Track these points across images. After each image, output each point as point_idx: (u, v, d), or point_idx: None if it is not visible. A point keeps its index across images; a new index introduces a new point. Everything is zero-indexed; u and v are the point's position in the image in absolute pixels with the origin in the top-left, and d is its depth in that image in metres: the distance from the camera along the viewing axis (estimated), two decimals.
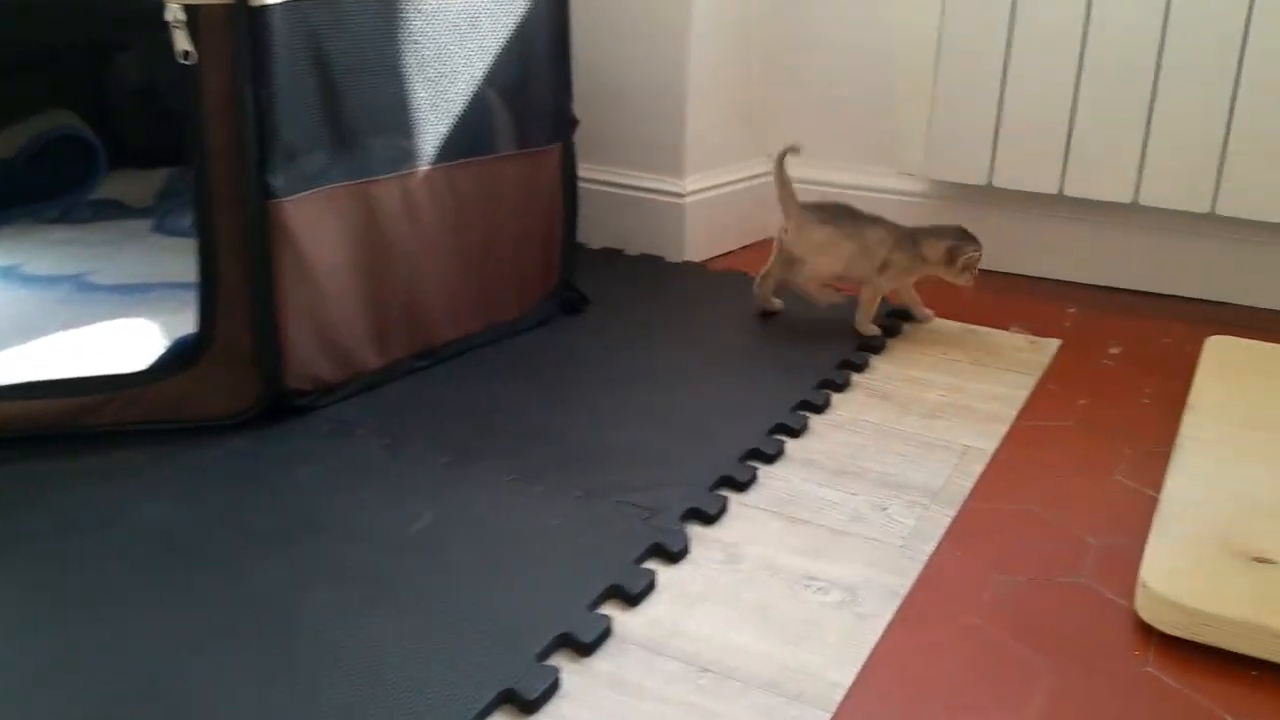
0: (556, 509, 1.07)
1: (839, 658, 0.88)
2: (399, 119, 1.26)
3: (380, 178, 1.25)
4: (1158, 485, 1.14)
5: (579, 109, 1.52)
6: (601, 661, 0.87)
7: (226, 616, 0.89)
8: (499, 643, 0.86)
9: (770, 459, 1.20)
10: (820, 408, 1.32)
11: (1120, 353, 1.52)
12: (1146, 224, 1.72)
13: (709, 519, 1.07)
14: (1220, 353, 1.42)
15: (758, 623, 0.92)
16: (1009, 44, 1.65)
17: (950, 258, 1.49)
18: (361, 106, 1.22)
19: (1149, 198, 1.63)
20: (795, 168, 1.48)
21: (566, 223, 1.51)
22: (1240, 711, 0.84)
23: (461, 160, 1.34)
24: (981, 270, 1.61)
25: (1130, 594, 0.97)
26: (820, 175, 1.93)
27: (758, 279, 1.59)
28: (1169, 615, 0.91)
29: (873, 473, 1.18)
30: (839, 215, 1.53)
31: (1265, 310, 1.69)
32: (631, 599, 0.94)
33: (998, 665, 0.89)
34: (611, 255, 1.86)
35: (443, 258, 1.34)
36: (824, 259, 1.53)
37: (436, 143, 1.31)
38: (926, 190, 1.87)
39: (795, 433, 1.26)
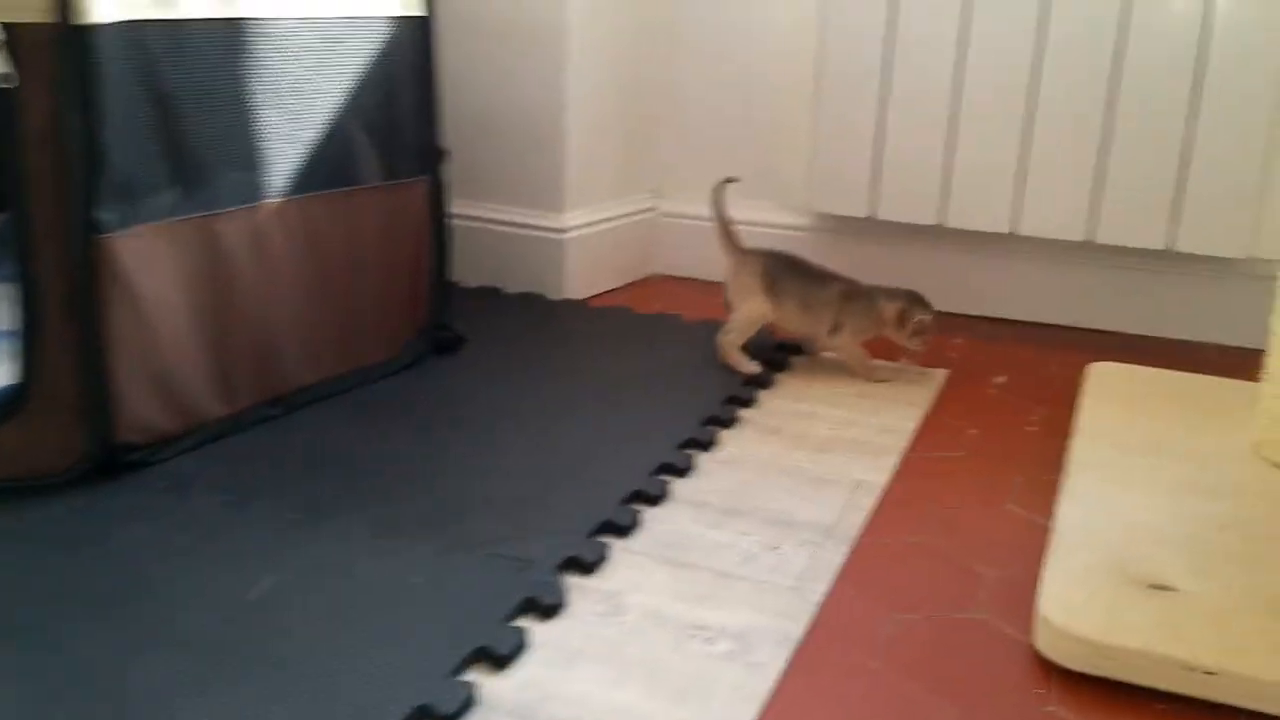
0: (419, 566, 0.98)
1: (729, 713, 0.81)
2: (247, 150, 1.17)
3: (225, 211, 1.15)
4: (1050, 513, 1.12)
5: (452, 142, 1.45)
6: None
7: (50, 686, 0.79)
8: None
9: (655, 500, 1.13)
10: (707, 445, 1.26)
11: (1006, 382, 1.51)
12: (1026, 254, 1.72)
13: (588, 568, 1.00)
14: (1103, 379, 1.41)
15: (642, 679, 0.85)
16: (887, 77, 1.64)
17: (901, 320, 1.45)
18: (205, 136, 1.13)
19: (1027, 228, 1.63)
20: (676, 203, 1.45)
21: (436, 258, 1.43)
22: None
23: (317, 193, 1.25)
24: None
25: (1029, 628, 0.93)
26: (702, 210, 1.89)
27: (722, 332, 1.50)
28: (1070, 649, 0.87)
29: (763, 511, 1.12)
30: (782, 269, 1.47)
31: (1143, 337, 1.70)
32: (500, 661, 0.86)
33: (898, 711, 0.83)
34: (489, 294, 1.79)
35: (297, 297, 1.25)
36: (756, 307, 1.47)
37: (290, 175, 1.22)
38: (809, 223, 1.84)
39: (681, 472, 1.19)
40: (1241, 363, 1.56)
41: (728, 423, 1.32)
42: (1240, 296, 1.64)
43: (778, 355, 1.52)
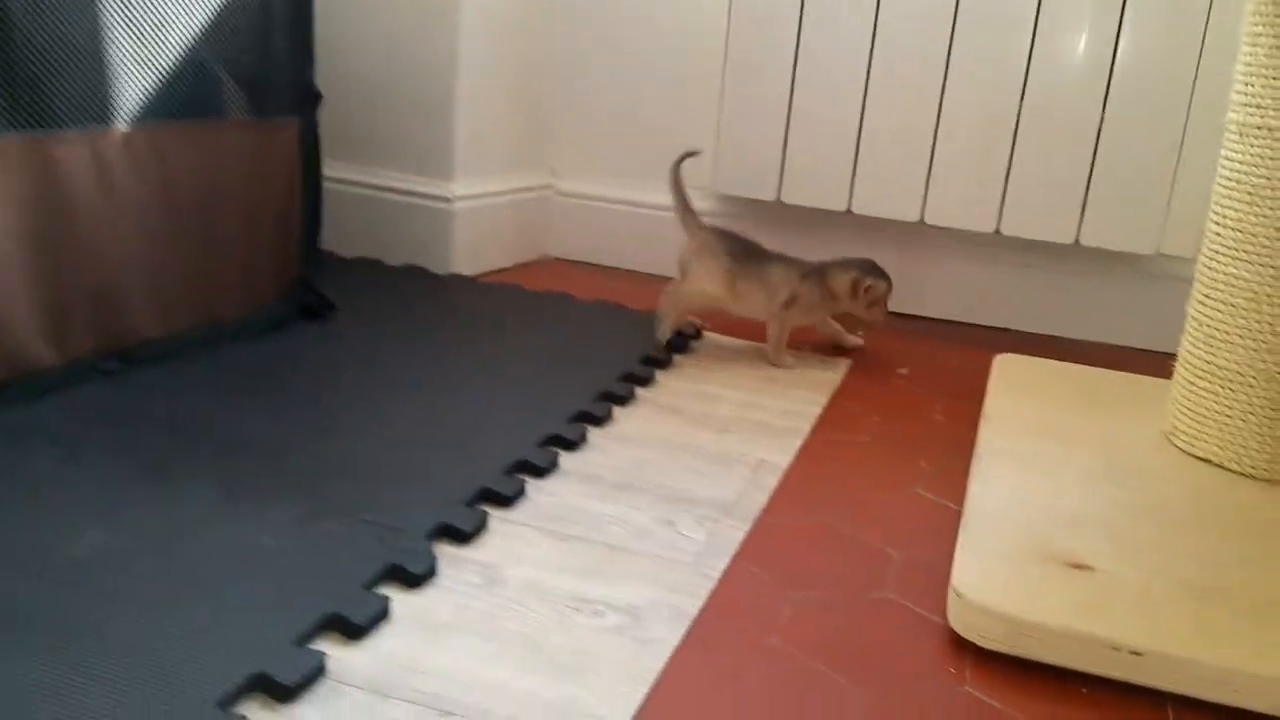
0: (270, 529, 0.86)
1: (616, 690, 0.72)
2: (90, 66, 1.04)
3: (62, 133, 1.02)
4: (958, 498, 1.06)
5: (335, 101, 1.34)
6: (308, 708, 0.68)
7: None
8: (171, 687, 0.65)
9: (541, 472, 1.03)
10: (601, 420, 1.17)
11: (909, 373, 1.45)
12: (934, 247, 1.68)
13: (463, 537, 0.90)
14: (1009, 370, 1.37)
15: (519, 654, 0.75)
16: (796, 59, 1.59)
17: (854, 291, 1.42)
18: (40, 46, 1.00)
19: (935, 217, 1.59)
20: (574, 183, 1.37)
21: (307, 211, 1.31)
22: None
23: (171, 122, 1.12)
24: None
25: (940, 609, 0.86)
26: (604, 191, 1.82)
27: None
28: (986, 626, 0.80)
29: (659, 487, 1.04)
30: (742, 251, 1.43)
31: (1047, 336, 1.67)
32: (355, 630, 0.75)
33: (801, 690, 0.74)
34: (368, 265, 1.67)
35: (145, 237, 1.12)
36: (710, 287, 1.41)
37: (139, 99, 1.09)
38: (714, 207, 1.77)
39: (572, 445, 1.10)
40: (1144, 364, 1.54)
41: (624, 400, 1.23)
42: (1146, 298, 1.62)
43: (678, 339, 1.44)
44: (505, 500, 0.97)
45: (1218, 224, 1.09)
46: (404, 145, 1.64)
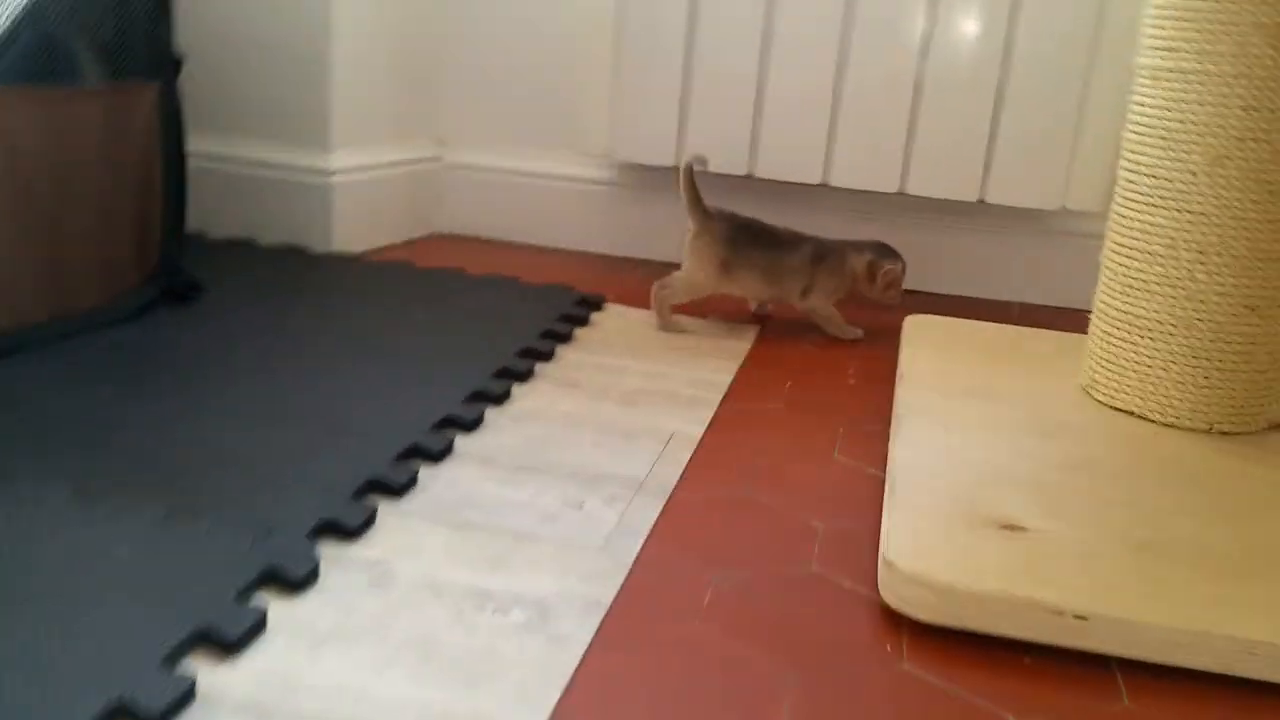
0: (128, 533, 0.76)
1: (526, 695, 0.65)
2: None
3: None
4: (880, 464, 1.01)
5: (198, 68, 1.22)
6: None
7: None
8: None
9: (436, 457, 0.95)
10: (499, 398, 1.09)
11: (819, 338, 1.40)
12: (839, 209, 1.63)
13: (349, 533, 0.81)
14: (921, 330, 1.33)
15: (414, 662, 0.67)
16: (691, 20, 1.51)
17: (870, 273, 1.38)
18: None
19: (839, 179, 1.54)
20: (463, 153, 1.28)
21: (170, 187, 1.20)
22: (1025, 709, 0.68)
23: (9, 88, 1.00)
24: (676, 263, 1.45)
25: (870, 582, 0.80)
26: (496, 161, 1.72)
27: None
28: (920, 598, 0.74)
29: (565, 466, 0.96)
30: (745, 237, 1.37)
31: (955, 297, 1.64)
32: (229, 646, 0.66)
33: (729, 678, 0.68)
34: (240, 246, 1.55)
35: None
36: (703, 278, 1.37)
37: None
38: (613, 176, 1.70)
39: (469, 426, 1.02)
40: (1054, 321, 1.52)
41: (523, 376, 1.15)
42: (1053, 255, 1.60)
43: (577, 310, 1.37)
44: (396, 490, 0.88)
45: (1130, 171, 1.06)
46: (276, 114, 1.53)
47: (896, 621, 0.76)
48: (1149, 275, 1.04)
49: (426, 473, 0.93)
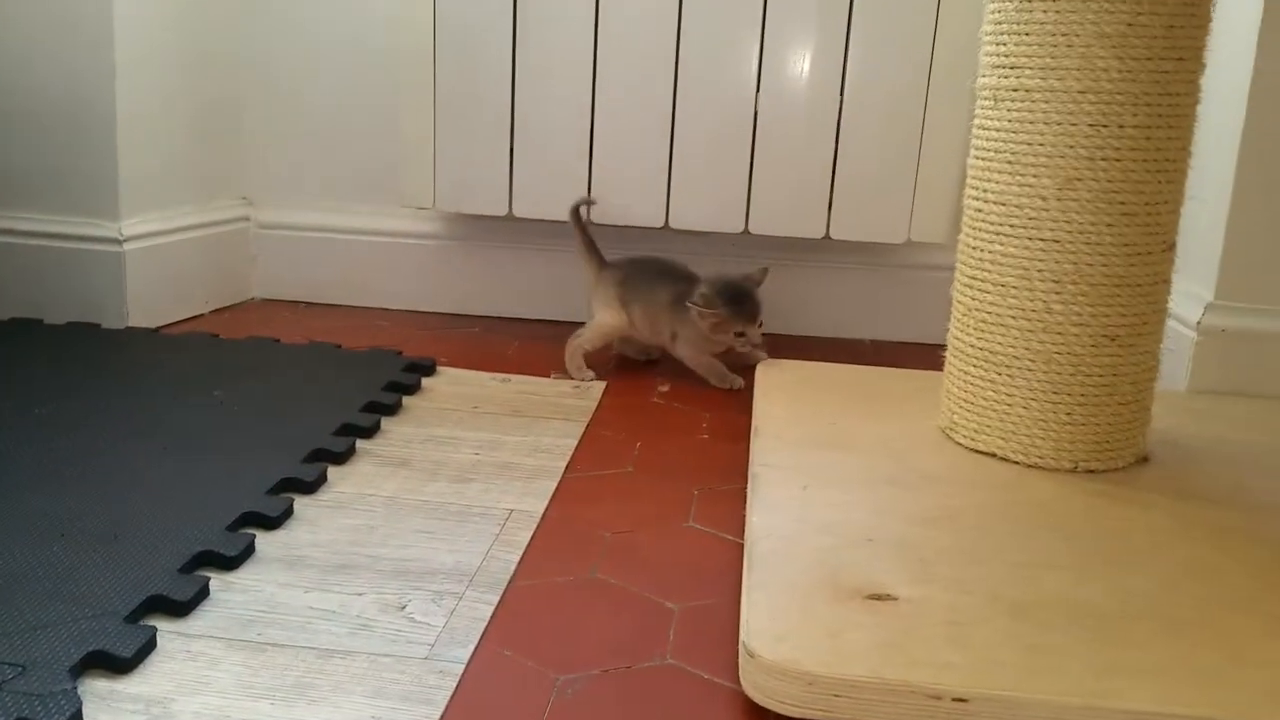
0: None
1: None
2: None
3: None
4: (738, 528, 0.93)
5: None
6: None
7: None
8: None
9: (230, 563, 0.82)
10: (311, 486, 0.97)
11: (670, 389, 1.32)
12: (683, 252, 1.56)
13: (120, 666, 0.69)
14: (773, 375, 1.26)
15: None
16: (514, 67, 1.43)
17: (710, 325, 1.28)
18: None
19: (681, 221, 1.47)
20: (274, 212, 1.16)
21: None
22: None
23: None
24: (513, 319, 1.38)
25: (732, 671, 0.71)
26: (308, 219, 1.60)
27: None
28: (785, 690, 0.66)
29: (386, 561, 0.85)
30: (638, 277, 1.33)
31: (804, 337, 1.59)
32: None
33: None
34: (22, 327, 1.38)
35: None
36: (609, 319, 1.34)
37: None
38: (441, 228, 1.59)
39: (272, 523, 0.89)
40: (910, 357, 1.48)
41: (340, 457, 1.03)
42: (900, 289, 1.56)
43: (405, 377, 1.25)
44: (179, 608, 0.76)
45: (977, 199, 1.01)
46: (58, 181, 1.37)
47: (762, 716, 0.67)
48: (1003, 308, 0.99)
49: (219, 582, 0.80)
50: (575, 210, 1.38)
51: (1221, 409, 1.20)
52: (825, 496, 0.91)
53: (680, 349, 1.31)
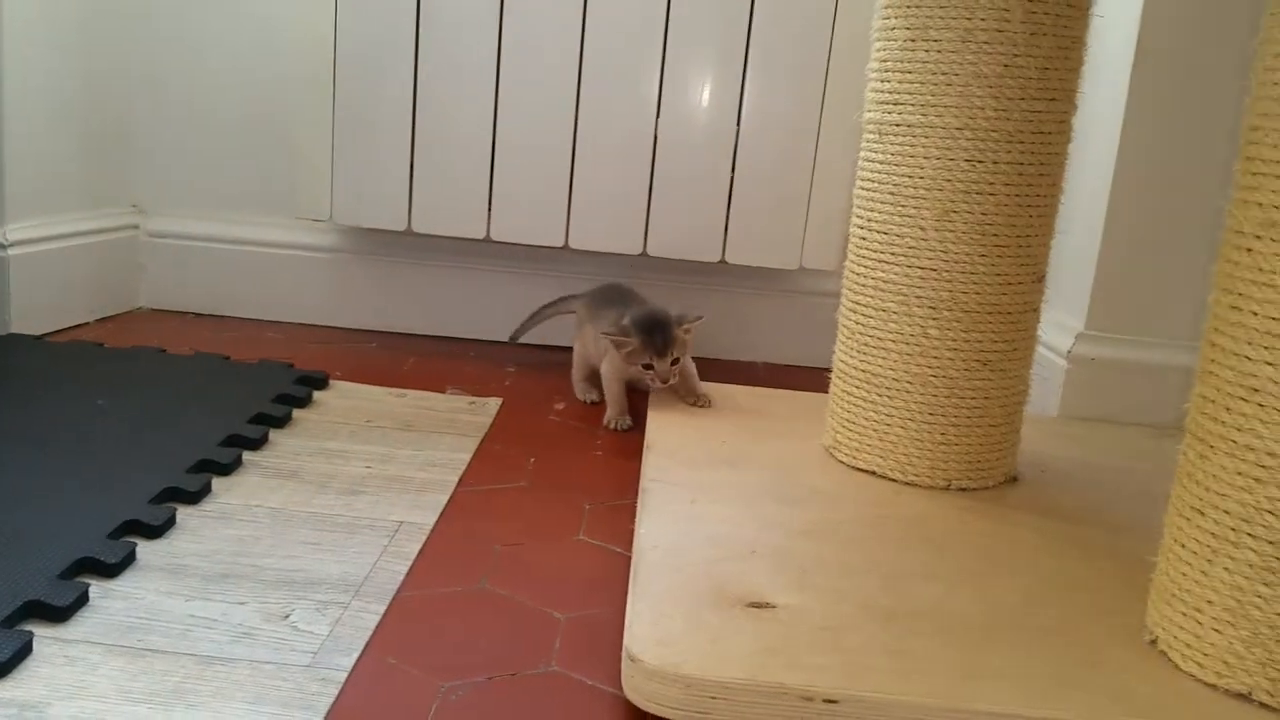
0: None
1: None
2: None
3: None
4: (627, 541, 0.94)
5: None
6: None
7: None
8: None
9: (111, 571, 0.81)
10: (195, 496, 0.95)
11: (565, 407, 1.34)
12: (579, 273, 1.58)
13: None
14: (666, 395, 1.28)
15: None
16: (418, 74, 1.43)
17: (617, 348, 1.25)
18: None
19: (579, 241, 1.49)
20: (164, 221, 1.14)
21: None
22: None
23: None
24: (410, 334, 1.38)
25: (615, 677, 0.73)
26: (201, 229, 1.57)
27: None
28: (666, 693, 0.67)
29: (269, 571, 0.84)
30: (600, 303, 1.35)
31: (701, 359, 1.61)
32: None
33: None
34: None
35: None
36: (577, 345, 1.40)
37: None
38: (335, 242, 1.58)
39: (154, 532, 0.88)
40: (799, 381, 1.52)
41: (225, 468, 1.02)
42: (793, 313, 1.61)
43: (296, 390, 1.24)
44: (57, 613, 0.74)
45: (862, 228, 1.05)
46: None
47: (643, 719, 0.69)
48: (884, 332, 1.03)
49: (99, 590, 0.79)
50: (517, 333, 1.47)
51: (1089, 434, 1.26)
52: (712, 511, 0.93)
53: (602, 367, 1.32)
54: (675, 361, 1.22)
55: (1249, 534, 0.69)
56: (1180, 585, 0.73)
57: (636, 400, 1.31)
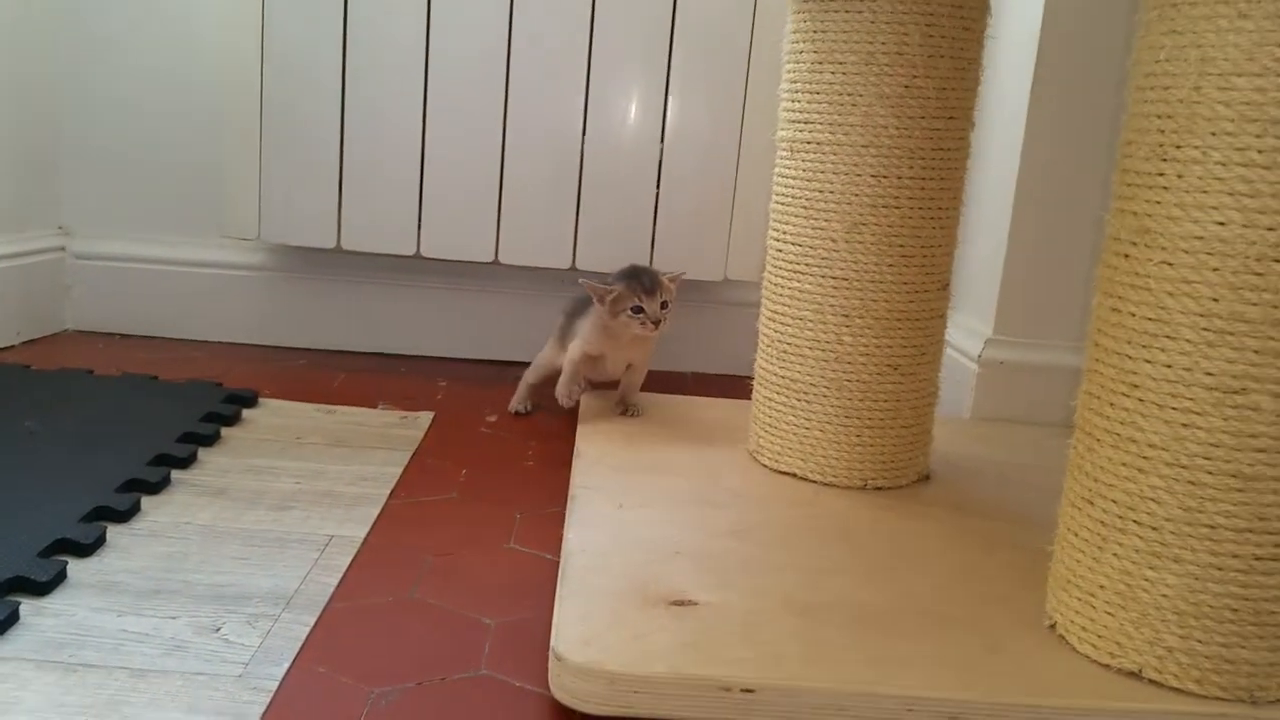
0: None
1: None
2: None
3: None
4: (556, 548, 0.97)
5: None
6: None
7: None
8: None
9: (42, 589, 0.82)
10: (125, 514, 0.96)
11: (498, 420, 1.36)
12: (511, 289, 1.60)
13: None
14: (596, 404, 1.31)
15: None
16: (345, 91, 1.45)
17: (601, 300, 1.24)
18: None
19: (510, 257, 1.52)
20: (91, 242, 1.13)
21: None
22: None
23: None
24: (340, 351, 1.38)
25: (543, 678, 0.75)
26: (127, 249, 1.57)
27: None
28: (590, 690, 0.70)
29: (200, 586, 0.85)
30: (573, 309, 1.36)
31: (654, 372, 1.64)
32: None
33: None
34: None
35: None
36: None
37: None
38: (263, 260, 1.59)
39: (84, 550, 0.89)
40: (725, 389, 1.56)
41: (155, 487, 1.03)
42: (719, 323, 1.65)
43: (224, 408, 1.25)
44: None
45: (778, 240, 1.09)
46: None
47: (570, 717, 0.71)
48: (801, 339, 1.07)
49: (30, 608, 0.80)
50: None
51: (999, 434, 1.31)
52: (639, 515, 0.97)
53: (570, 347, 1.31)
54: (665, 305, 1.23)
55: (1134, 521, 0.74)
56: (1074, 572, 0.78)
57: (569, 414, 1.33)
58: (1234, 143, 0.68)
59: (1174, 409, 0.71)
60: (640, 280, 1.23)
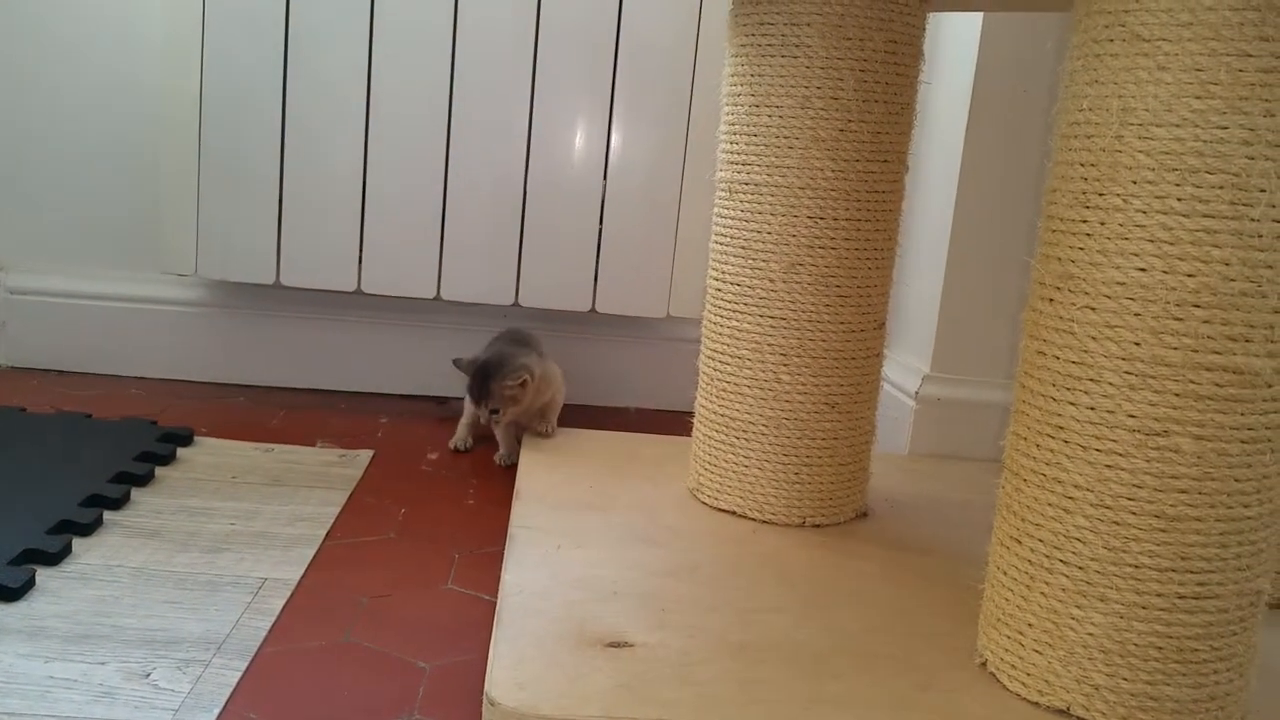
0: None
1: None
2: None
3: None
4: (495, 589, 0.96)
5: None
6: None
7: None
8: None
9: None
10: (54, 558, 0.94)
11: (439, 458, 1.36)
12: (452, 324, 1.60)
13: None
14: (538, 443, 1.31)
15: None
16: (286, 125, 1.44)
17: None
18: None
19: (452, 292, 1.51)
20: (26, 278, 1.12)
21: None
22: None
23: None
24: (279, 388, 1.37)
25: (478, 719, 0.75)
26: (62, 284, 1.55)
27: None
28: None
29: (130, 631, 0.84)
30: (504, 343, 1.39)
31: (576, 406, 1.65)
32: None
33: None
34: None
35: None
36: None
37: None
38: (201, 296, 1.57)
39: (12, 594, 0.87)
40: (667, 425, 1.56)
41: (86, 529, 1.01)
42: (661, 360, 1.65)
43: (159, 447, 1.23)
44: None
45: (717, 280, 1.10)
46: None
47: None
48: (740, 378, 1.08)
49: None
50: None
51: (936, 470, 1.33)
52: (577, 555, 0.97)
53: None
54: (495, 412, 1.29)
55: (1061, 560, 0.75)
56: (1004, 610, 0.79)
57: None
58: (1154, 191, 0.70)
59: (1098, 450, 0.73)
60: (472, 389, 1.31)
